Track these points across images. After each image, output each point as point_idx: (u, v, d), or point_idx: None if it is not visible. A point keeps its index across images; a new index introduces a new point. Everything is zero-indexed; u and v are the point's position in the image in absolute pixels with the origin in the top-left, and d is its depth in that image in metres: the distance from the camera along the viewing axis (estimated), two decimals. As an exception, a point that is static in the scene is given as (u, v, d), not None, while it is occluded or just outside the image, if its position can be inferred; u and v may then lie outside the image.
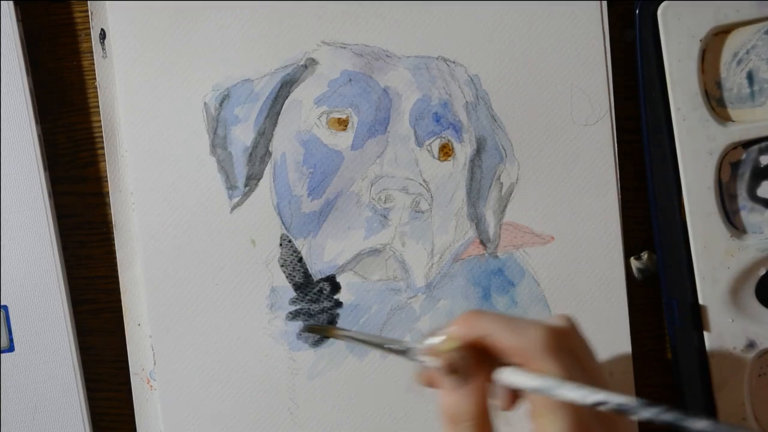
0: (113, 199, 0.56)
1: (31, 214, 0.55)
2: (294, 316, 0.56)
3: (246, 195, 0.56)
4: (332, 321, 0.56)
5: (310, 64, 0.55)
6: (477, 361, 0.42)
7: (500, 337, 0.41)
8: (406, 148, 0.55)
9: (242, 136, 0.55)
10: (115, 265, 0.56)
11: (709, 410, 0.56)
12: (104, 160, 0.56)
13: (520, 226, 0.56)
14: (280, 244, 0.56)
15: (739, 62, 0.55)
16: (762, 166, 0.56)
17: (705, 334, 0.56)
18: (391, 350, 0.47)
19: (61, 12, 0.57)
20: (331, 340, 0.56)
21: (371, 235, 0.56)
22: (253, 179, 0.55)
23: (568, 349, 0.42)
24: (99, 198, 0.57)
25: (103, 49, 0.56)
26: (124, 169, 0.56)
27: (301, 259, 0.56)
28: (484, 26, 0.55)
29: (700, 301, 0.55)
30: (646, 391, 0.57)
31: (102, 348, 0.57)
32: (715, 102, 0.56)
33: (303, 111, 0.56)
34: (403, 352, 0.45)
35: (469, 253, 0.56)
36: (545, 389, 0.39)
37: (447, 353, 0.42)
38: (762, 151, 0.56)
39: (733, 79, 0.56)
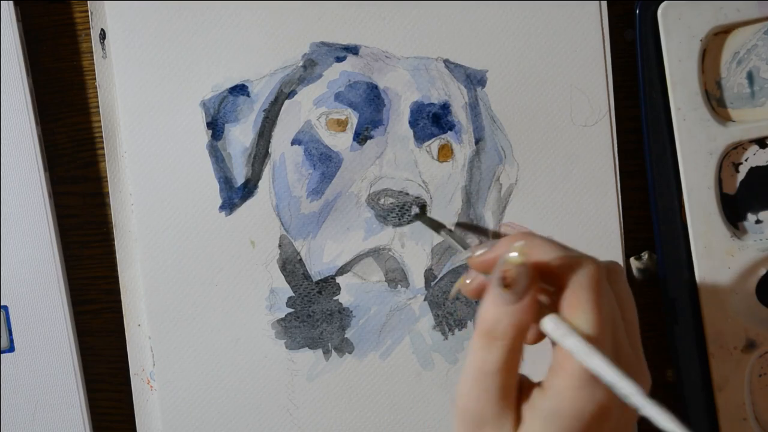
0: (113, 199, 0.56)
1: (31, 214, 0.55)
2: (293, 317, 0.56)
3: (245, 196, 0.56)
4: (331, 322, 0.56)
5: (309, 65, 0.55)
6: (533, 281, 0.40)
7: (555, 270, 0.41)
8: (406, 149, 0.55)
9: (241, 137, 0.55)
10: (115, 265, 0.56)
11: (710, 410, 0.56)
12: (104, 160, 0.56)
13: (520, 227, 0.56)
14: (280, 245, 0.56)
15: (739, 62, 0.55)
16: (762, 165, 0.56)
17: (705, 334, 0.55)
18: (456, 241, 0.49)
19: (61, 12, 0.57)
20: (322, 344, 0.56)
21: (370, 236, 0.56)
22: (252, 180, 0.55)
23: (611, 294, 0.42)
24: (99, 198, 0.57)
25: (103, 49, 0.56)
26: (124, 169, 0.56)
27: (300, 260, 0.56)
28: (483, 27, 0.55)
29: (701, 301, 0.55)
30: (645, 391, 0.57)
31: (102, 348, 0.58)
32: (716, 102, 0.56)
33: (302, 112, 0.55)
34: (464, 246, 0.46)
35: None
36: (576, 352, 0.39)
37: (511, 266, 0.40)
38: (762, 151, 0.56)
39: (733, 79, 0.56)
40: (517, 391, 0.41)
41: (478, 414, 0.41)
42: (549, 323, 0.40)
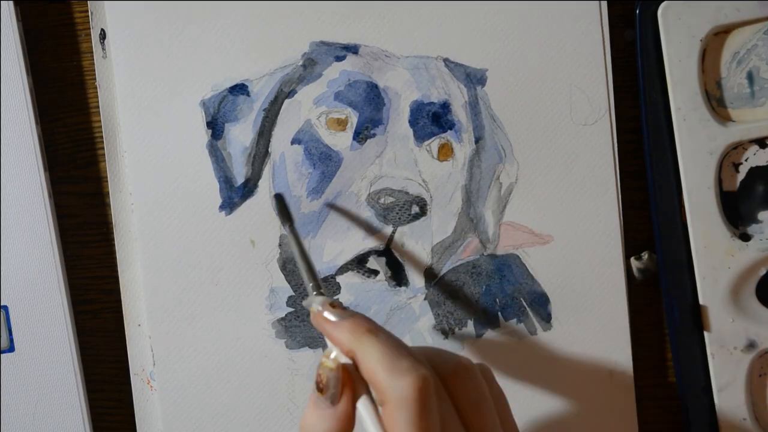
0: (113, 200, 0.56)
1: (31, 214, 0.55)
2: (293, 316, 0.56)
3: (245, 195, 0.56)
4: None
5: (309, 64, 0.55)
6: (349, 385, 0.38)
7: (374, 373, 0.38)
8: (405, 149, 0.55)
9: (241, 136, 0.55)
10: (115, 265, 0.56)
11: (710, 410, 0.56)
12: (104, 160, 0.56)
13: (520, 226, 0.56)
14: (280, 245, 0.56)
15: (739, 62, 0.55)
16: (762, 165, 0.56)
17: (705, 334, 0.55)
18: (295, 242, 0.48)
19: (61, 12, 0.57)
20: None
21: (370, 235, 0.56)
22: (252, 180, 0.55)
23: (439, 406, 0.38)
24: (99, 198, 0.57)
25: (103, 49, 0.56)
26: (124, 169, 0.56)
27: (300, 260, 0.56)
28: (483, 26, 0.55)
29: (701, 301, 0.55)
30: (645, 390, 0.57)
31: (102, 348, 0.58)
32: (716, 102, 0.56)
33: (302, 111, 0.55)
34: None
35: (468, 253, 0.56)
36: None
37: (325, 370, 0.38)
38: (762, 151, 0.56)
39: (733, 79, 0.56)
40: None
41: None
42: (361, 406, 0.38)
